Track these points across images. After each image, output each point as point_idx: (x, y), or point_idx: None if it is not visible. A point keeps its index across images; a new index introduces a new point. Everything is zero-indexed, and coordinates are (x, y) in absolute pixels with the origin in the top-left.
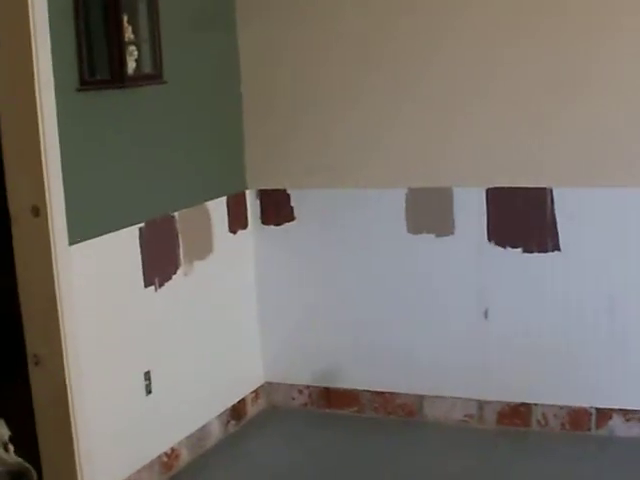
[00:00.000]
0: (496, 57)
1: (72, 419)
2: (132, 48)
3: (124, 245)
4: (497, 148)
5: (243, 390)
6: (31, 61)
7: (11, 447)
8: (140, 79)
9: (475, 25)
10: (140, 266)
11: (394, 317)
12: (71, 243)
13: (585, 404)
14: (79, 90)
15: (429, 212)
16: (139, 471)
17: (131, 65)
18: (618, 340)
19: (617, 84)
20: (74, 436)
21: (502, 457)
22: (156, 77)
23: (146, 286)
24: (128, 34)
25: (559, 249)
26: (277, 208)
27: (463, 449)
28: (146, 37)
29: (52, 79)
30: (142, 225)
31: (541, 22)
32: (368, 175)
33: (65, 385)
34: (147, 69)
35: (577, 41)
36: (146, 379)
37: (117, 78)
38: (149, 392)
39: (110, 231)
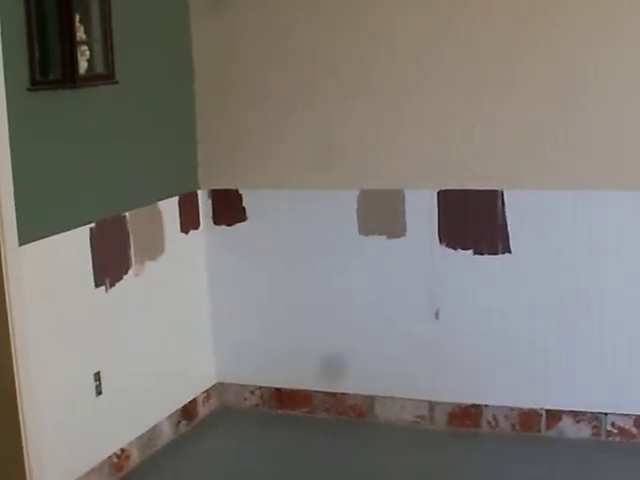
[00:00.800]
0: (445, 60)
1: (21, 420)
2: (84, 48)
3: (75, 245)
4: (448, 150)
5: (195, 390)
6: None
7: None
8: (92, 79)
9: (419, 27)
10: (91, 266)
11: (345, 318)
12: (21, 243)
13: (535, 406)
14: (30, 90)
15: (380, 214)
16: (89, 472)
17: (83, 65)
18: (567, 342)
19: (564, 85)
20: (23, 437)
21: (452, 458)
22: (108, 77)
23: (97, 286)
24: (80, 34)
25: (510, 251)
26: (229, 208)
27: (414, 450)
28: (98, 37)
29: (2, 78)
30: (93, 225)
31: (478, 24)
32: (320, 176)
33: (14, 386)
34: (99, 69)
35: (520, 40)
36: (96, 380)
37: (68, 78)
38: (99, 393)
39: (61, 231)
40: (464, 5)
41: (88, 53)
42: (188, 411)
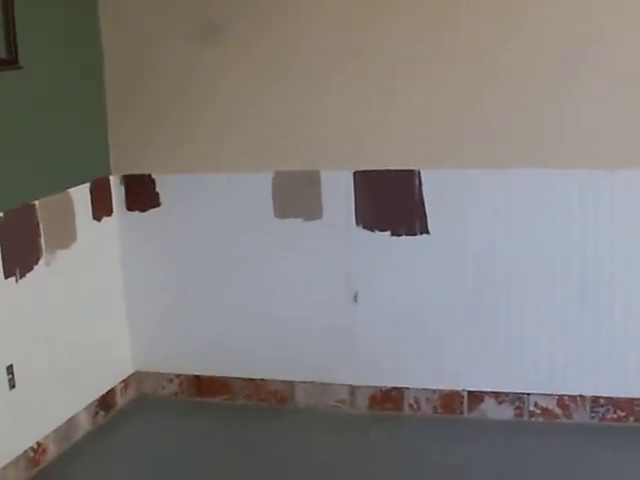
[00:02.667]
0: (359, 40)
1: None
2: None
3: None
4: (364, 130)
5: (112, 380)
6: None
7: None
8: None
9: (343, 6)
10: (0, 257)
11: (262, 302)
12: None
13: (457, 387)
14: None
15: (296, 196)
16: (4, 468)
17: None
18: (487, 322)
19: (481, 61)
20: None
21: (374, 442)
22: (11, 62)
23: (6, 277)
24: None
25: (427, 232)
26: (142, 194)
27: (335, 434)
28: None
29: None
30: (1, 215)
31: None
32: (234, 159)
33: None
34: (1, 54)
35: (436, 17)
36: (9, 373)
37: None
38: (12, 386)
39: None
40: None
41: None
42: (106, 401)
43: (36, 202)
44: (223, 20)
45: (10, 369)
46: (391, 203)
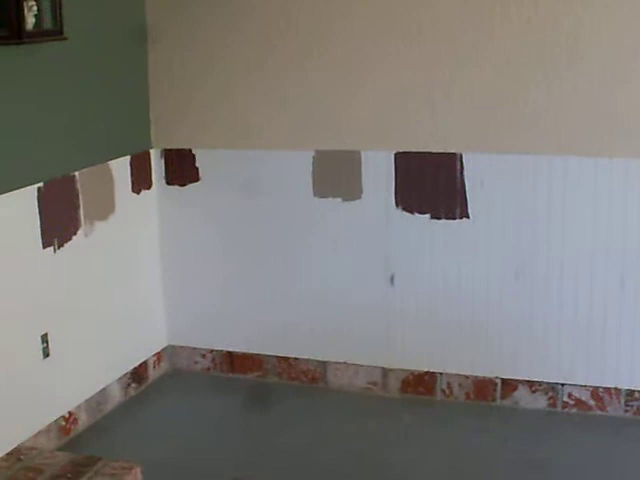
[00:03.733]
0: (405, 22)
1: None
2: (31, 3)
3: (22, 205)
4: (407, 111)
5: (145, 353)
6: None
7: None
8: (39, 35)
9: None
10: (38, 226)
11: (299, 281)
12: None
13: (491, 374)
14: None
15: (336, 176)
16: (36, 436)
17: (30, 21)
18: (524, 310)
19: (528, 49)
20: None
21: (404, 425)
22: (56, 33)
23: (44, 247)
24: None
25: (467, 216)
26: (182, 168)
27: (365, 416)
28: None
29: None
30: (41, 185)
31: None
32: (275, 136)
33: None
34: (47, 25)
35: (479, 6)
36: (43, 342)
37: (15, 34)
38: (47, 355)
39: (7, 190)
40: None
41: (35, 8)
42: (138, 374)
43: (76, 173)
44: None
45: (45, 338)
46: (432, 186)
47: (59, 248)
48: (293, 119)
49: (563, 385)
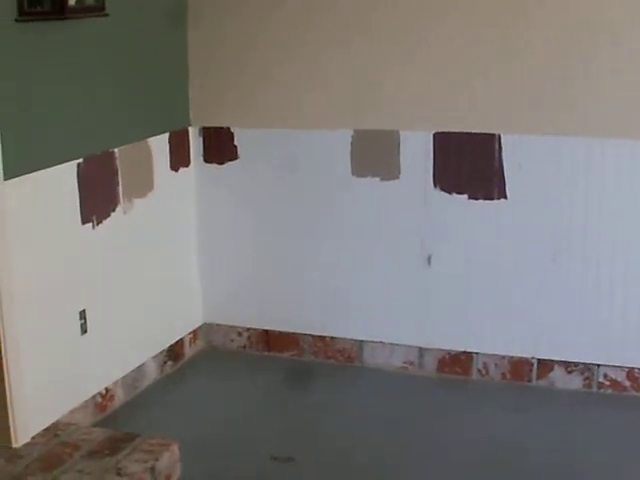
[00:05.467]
0: (446, 3)
1: (4, 357)
2: None
3: (61, 181)
4: (445, 92)
5: (181, 331)
6: None
7: None
8: (81, 11)
9: None
10: (77, 203)
11: (336, 260)
12: (6, 178)
13: (526, 354)
14: (17, 21)
15: (375, 155)
16: (73, 411)
17: None
18: (562, 291)
19: (570, 30)
20: (6, 373)
21: (441, 405)
22: (98, 9)
23: (83, 223)
24: None
25: (505, 197)
26: (220, 146)
27: (401, 396)
28: None
29: None
30: (80, 161)
31: None
32: (314, 115)
33: None
34: (89, 1)
35: None
36: (81, 318)
37: (57, 9)
38: (84, 331)
39: (47, 166)
40: None
41: None
42: (174, 351)
43: (115, 150)
44: None
45: (83, 314)
46: (470, 166)
47: (98, 225)
48: (332, 98)
49: (599, 366)
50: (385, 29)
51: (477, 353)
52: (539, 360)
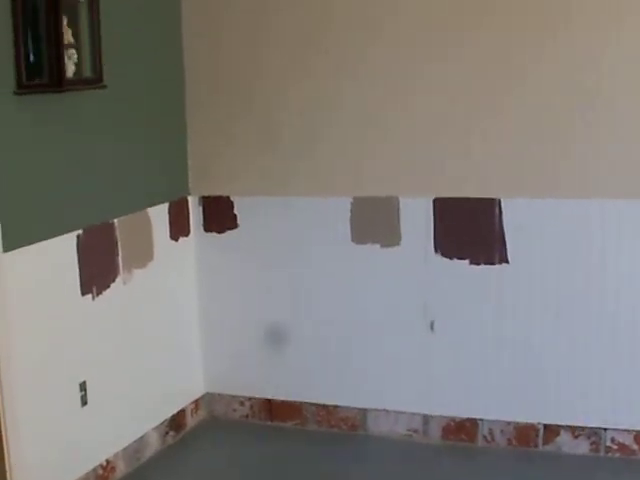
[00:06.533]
0: (442, 67)
1: (3, 430)
2: (72, 51)
3: (61, 252)
4: (444, 157)
5: (183, 401)
6: None
7: None
8: (79, 83)
9: (417, 29)
10: (77, 274)
11: (338, 328)
12: (6, 250)
13: (532, 420)
14: (16, 93)
15: (374, 222)
16: None
17: (70, 68)
18: (565, 354)
19: (565, 95)
20: (5, 446)
21: (446, 473)
22: (96, 81)
23: (83, 294)
24: (68, 37)
25: (507, 261)
26: (220, 215)
27: (407, 464)
28: (86, 40)
29: None
30: (80, 232)
31: (478, 32)
32: (313, 183)
33: None
34: (87, 73)
35: (515, 50)
36: (82, 390)
37: (56, 82)
38: (85, 403)
39: (46, 238)
40: (464, 14)
41: (76, 57)
42: (176, 422)
43: (115, 220)
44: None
45: (83, 386)
46: (470, 231)
47: (98, 295)
48: (330, 166)
49: (606, 430)
50: (380, 94)
51: (482, 420)
52: (545, 425)
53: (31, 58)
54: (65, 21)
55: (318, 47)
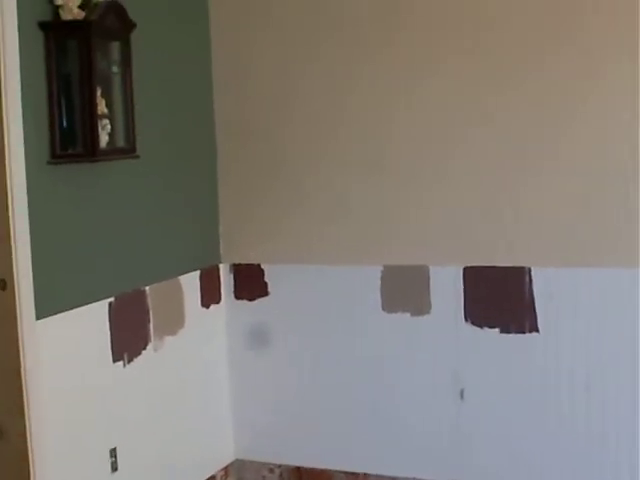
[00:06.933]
0: (471, 137)
1: None
2: (105, 122)
3: (93, 320)
4: (474, 226)
5: (213, 467)
6: (2, 133)
7: None
8: (113, 153)
9: (447, 101)
10: (109, 341)
11: (368, 397)
12: (38, 317)
13: None
14: (50, 163)
15: (405, 290)
16: None
17: (104, 139)
18: (596, 424)
19: (597, 164)
20: None
21: None
22: (129, 151)
23: (114, 361)
24: (101, 107)
25: (537, 330)
26: (251, 283)
27: None
28: (119, 111)
29: (22, 152)
30: (112, 300)
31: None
32: (343, 251)
33: (28, 460)
34: (120, 143)
35: (548, 114)
36: (112, 456)
37: (89, 152)
38: (115, 469)
39: (79, 305)
40: (495, 82)
41: (109, 127)
42: None
43: (147, 288)
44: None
45: (113, 452)
46: (501, 300)
47: (129, 362)
48: (360, 235)
49: None
50: (410, 164)
51: None
52: None
53: (65, 128)
54: (99, 91)
55: (347, 112)
